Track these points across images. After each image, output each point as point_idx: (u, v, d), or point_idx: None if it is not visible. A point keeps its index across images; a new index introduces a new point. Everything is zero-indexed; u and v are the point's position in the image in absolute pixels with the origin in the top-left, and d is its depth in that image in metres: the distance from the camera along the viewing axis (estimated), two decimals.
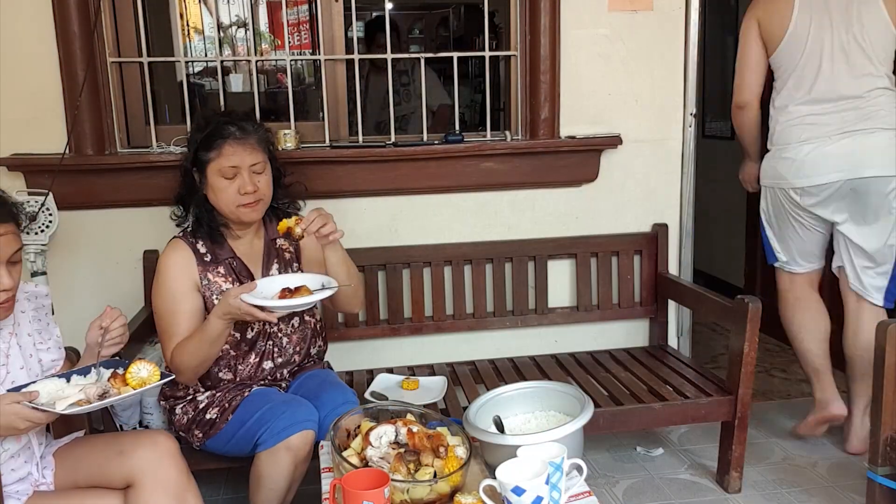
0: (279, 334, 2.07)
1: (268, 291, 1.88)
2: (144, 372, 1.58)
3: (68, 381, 1.57)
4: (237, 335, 2.00)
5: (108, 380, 1.57)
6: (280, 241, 2.11)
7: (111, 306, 1.68)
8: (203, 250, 2.00)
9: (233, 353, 2.01)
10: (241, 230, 2.04)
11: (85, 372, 1.61)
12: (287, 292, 1.84)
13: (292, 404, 1.88)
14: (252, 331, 2.02)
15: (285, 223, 1.89)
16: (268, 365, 2.05)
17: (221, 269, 2.00)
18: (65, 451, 1.69)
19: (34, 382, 1.54)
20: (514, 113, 2.79)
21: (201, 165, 1.95)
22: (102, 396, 1.51)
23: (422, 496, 1.46)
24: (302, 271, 2.11)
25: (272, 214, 2.09)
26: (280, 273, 2.07)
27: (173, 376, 1.71)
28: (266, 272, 2.06)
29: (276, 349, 2.06)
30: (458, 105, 2.87)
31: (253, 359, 2.03)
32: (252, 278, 2.03)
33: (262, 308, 1.78)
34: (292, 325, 2.09)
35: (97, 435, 1.83)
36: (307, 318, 2.12)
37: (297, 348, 2.10)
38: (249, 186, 1.93)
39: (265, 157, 1.99)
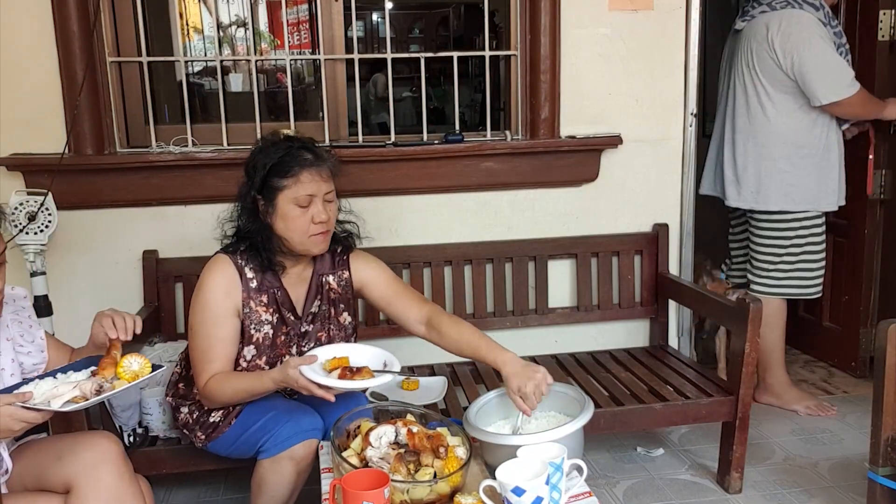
0: (305, 351, 1.99)
1: (333, 354, 1.81)
2: (136, 365, 1.55)
3: (55, 377, 1.54)
4: (266, 367, 1.93)
5: (94, 373, 1.54)
6: (329, 279, 2.03)
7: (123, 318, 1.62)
8: (250, 275, 1.91)
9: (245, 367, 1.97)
10: (299, 260, 1.95)
11: (76, 368, 1.59)
12: (348, 372, 1.73)
13: (296, 413, 1.86)
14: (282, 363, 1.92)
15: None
16: (288, 389, 1.98)
17: (264, 299, 1.93)
18: (17, 452, 1.64)
19: (26, 383, 1.51)
20: (514, 113, 2.79)
21: (271, 193, 1.84)
22: (98, 392, 1.49)
23: (421, 496, 1.45)
24: (349, 338, 2.04)
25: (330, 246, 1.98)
26: (320, 309, 2.01)
27: (164, 367, 1.67)
28: (308, 308, 1.99)
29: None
30: (458, 105, 2.87)
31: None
32: (293, 311, 1.97)
33: (320, 385, 1.69)
34: (319, 341, 2.01)
35: (45, 437, 1.74)
36: (334, 332, 2.05)
37: None
38: (324, 215, 1.85)
39: (335, 188, 1.91)
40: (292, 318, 1.97)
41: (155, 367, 1.59)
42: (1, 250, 1.52)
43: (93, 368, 1.58)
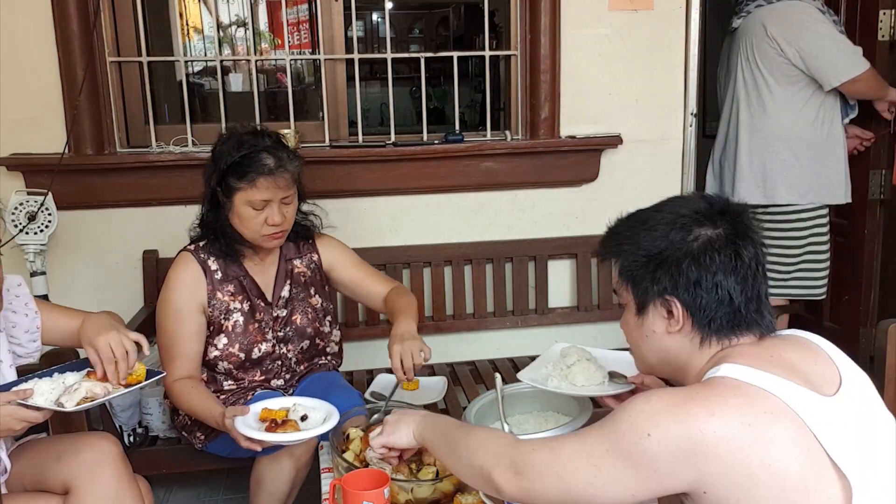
0: (288, 354, 2.04)
1: (277, 405, 1.75)
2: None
3: (52, 377, 1.54)
4: (241, 355, 1.96)
5: (86, 376, 1.53)
6: (296, 262, 2.07)
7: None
8: (214, 267, 1.95)
9: (236, 372, 1.98)
10: (261, 248, 1.98)
11: (72, 368, 1.59)
12: (273, 424, 1.68)
13: None
14: (259, 351, 1.98)
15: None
16: (276, 383, 2.03)
17: (231, 288, 1.96)
18: (17, 452, 1.64)
19: (26, 380, 1.51)
20: (514, 113, 2.79)
21: (229, 190, 1.87)
22: (104, 394, 1.50)
23: (425, 495, 1.45)
24: (318, 306, 2.07)
25: (290, 233, 2.01)
26: (292, 293, 2.04)
27: (164, 374, 1.68)
28: (279, 292, 2.02)
29: (283, 368, 2.04)
30: (458, 105, 2.87)
31: (259, 376, 2.01)
32: (263, 298, 1.99)
33: (248, 438, 1.66)
34: (301, 348, 2.06)
35: (45, 438, 1.74)
36: (318, 341, 2.09)
37: (303, 367, 2.09)
38: (278, 218, 1.88)
39: (295, 189, 1.94)
40: (262, 304, 2.00)
41: (151, 373, 1.59)
42: None
43: (89, 370, 1.58)
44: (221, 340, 1.96)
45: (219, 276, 1.96)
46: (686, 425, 0.97)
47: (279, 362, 2.03)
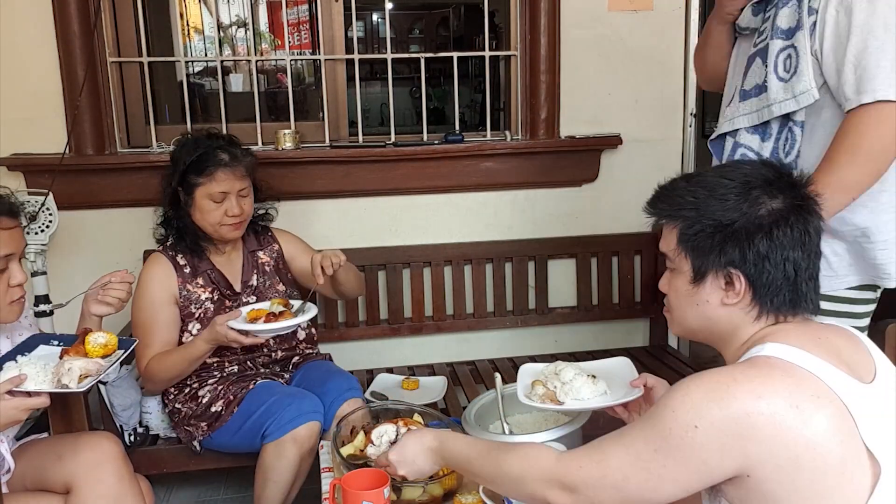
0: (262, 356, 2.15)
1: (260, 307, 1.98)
2: (102, 339, 1.58)
3: (24, 355, 1.53)
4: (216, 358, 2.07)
5: (62, 355, 1.53)
6: (260, 254, 2.19)
7: (128, 271, 1.77)
8: (182, 262, 2.09)
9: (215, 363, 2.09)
10: (223, 245, 2.12)
11: (42, 342, 1.59)
12: (271, 316, 1.89)
13: (297, 396, 1.93)
14: (234, 354, 2.09)
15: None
16: (264, 371, 2.13)
17: (200, 280, 2.09)
18: (18, 452, 1.64)
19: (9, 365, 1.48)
20: (514, 113, 2.79)
21: (189, 187, 2.02)
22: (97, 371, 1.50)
23: (413, 497, 1.45)
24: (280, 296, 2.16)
25: (250, 228, 2.17)
26: (258, 282, 2.16)
27: (136, 341, 1.69)
28: (246, 282, 2.14)
29: (261, 352, 2.15)
30: (458, 105, 2.88)
31: (240, 354, 2.10)
32: (231, 288, 2.12)
33: (247, 333, 1.86)
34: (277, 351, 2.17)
35: (46, 437, 1.75)
36: (293, 342, 2.20)
37: (282, 353, 2.19)
38: (236, 209, 2.03)
39: (250, 182, 2.09)
40: (231, 293, 2.11)
41: (122, 342, 1.60)
42: (23, 247, 1.54)
43: (64, 348, 1.57)
44: (195, 326, 2.05)
45: (188, 270, 2.08)
46: (731, 409, 0.95)
47: (254, 346, 2.09)
